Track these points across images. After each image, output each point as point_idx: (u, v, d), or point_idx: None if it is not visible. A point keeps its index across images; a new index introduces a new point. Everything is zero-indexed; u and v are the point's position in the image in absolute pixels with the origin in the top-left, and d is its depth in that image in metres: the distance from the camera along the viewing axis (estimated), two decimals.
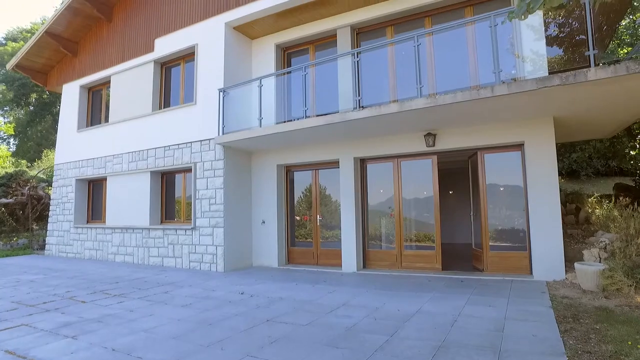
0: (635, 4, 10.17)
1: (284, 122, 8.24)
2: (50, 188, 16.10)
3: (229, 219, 9.15)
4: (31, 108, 31.21)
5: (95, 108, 13.05)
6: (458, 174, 10.62)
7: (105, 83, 12.54)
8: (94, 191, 12.60)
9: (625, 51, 11.89)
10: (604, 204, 9.89)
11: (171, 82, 11.04)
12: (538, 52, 6.99)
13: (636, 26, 11.67)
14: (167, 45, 10.69)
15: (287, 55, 10.03)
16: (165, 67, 11.07)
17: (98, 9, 12.03)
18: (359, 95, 7.22)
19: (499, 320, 4.55)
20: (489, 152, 7.65)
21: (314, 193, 9.53)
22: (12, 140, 32.82)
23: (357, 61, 7.38)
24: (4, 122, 31.00)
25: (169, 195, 10.74)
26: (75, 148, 12.66)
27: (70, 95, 13.22)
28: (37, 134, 30.36)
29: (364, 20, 8.62)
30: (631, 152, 11.47)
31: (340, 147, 8.75)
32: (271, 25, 9.52)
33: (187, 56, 10.53)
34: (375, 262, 8.57)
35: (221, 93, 8.99)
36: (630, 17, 11.50)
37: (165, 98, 10.97)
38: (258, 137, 8.28)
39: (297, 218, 9.80)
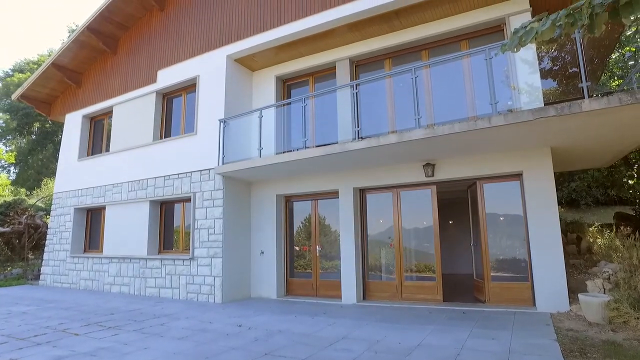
0: (622, 39, 10.52)
1: (284, 152, 8.31)
2: (48, 217, 16.02)
3: (228, 249, 9.06)
4: (33, 137, 31.54)
5: (97, 137, 13.18)
6: (458, 204, 10.61)
7: (108, 113, 12.73)
8: (92, 220, 12.53)
9: (617, 83, 12.19)
10: (605, 234, 9.84)
11: (172, 113, 11.22)
12: (533, 85, 7.16)
13: (625, 60, 12.02)
14: (169, 76, 10.93)
15: (287, 86, 10.25)
16: (167, 97, 11.28)
17: (104, 42, 12.38)
18: (358, 126, 7.33)
19: (503, 354, 4.42)
20: (488, 182, 7.68)
21: (313, 223, 9.48)
22: (12, 168, 32.94)
23: (356, 93, 7.53)
24: (6, 151, 31.21)
25: (168, 225, 10.68)
26: (75, 177, 12.69)
27: (73, 125, 13.38)
28: (38, 163, 30.51)
29: (362, 53, 8.88)
30: (629, 182, 11.53)
31: (340, 177, 8.79)
32: (271, 57, 9.78)
33: (189, 87, 10.74)
34: (375, 294, 8.42)
35: (222, 123, 9.11)
36: (619, 51, 11.87)
37: (166, 128, 11.12)
38: (258, 167, 8.33)
39: (297, 248, 9.71)
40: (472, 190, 8.14)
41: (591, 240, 9.96)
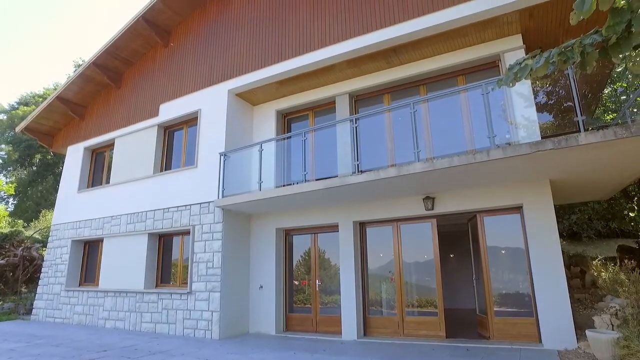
0: (614, 75, 10.81)
1: (284, 185, 8.33)
2: (44, 249, 15.83)
3: (226, 283, 8.90)
4: (34, 168, 31.68)
5: (98, 169, 13.24)
6: (458, 237, 10.53)
7: (109, 145, 12.85)
8: (89, 253, 12.37)
9: (611, 117, 12.41)
10: (609, 267, 9.70)
11: (173, 146, 11.33)
12: (529, 118, 7.28)
13: (618, 94, 12.30)
14: (171, 110, 11.12)
15: (287, 120, 10.41)
16: (169, 130, 11.43)
17: (108, 76, 12.69)
18: (357, 160, 7.38)
19: None
20: (488, 215, 7.65)
21: (313, 257, 9.36)
22: (11, 199, 32.86)
23: (356, 127, 7.64)
24: (6, 182, 31.26)
25: (166, 258, 10.54)
26: (74, 209, 12.64)
27: (74, 157, 13.48)
28: (37, 194, 30.48)
29: (361, 88, 9.08)
30: (630, 214, 11.51)
31: (340, 210, 8.76)
32: (272, 92, 9.99)
33: (190, 121, 10.90)
34: (376, 329, 8.19)
35: (222, 157, 9.17)
36: (611, 86, 12.17)
37: (166, 161, 11.19)
38: (258, 200, 8.32)
39: (296, 282, 9.54)
40: (472, 224, 8.09)
41: (595, 273, 9.81)
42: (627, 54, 2.89)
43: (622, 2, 2.81)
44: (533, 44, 7.91)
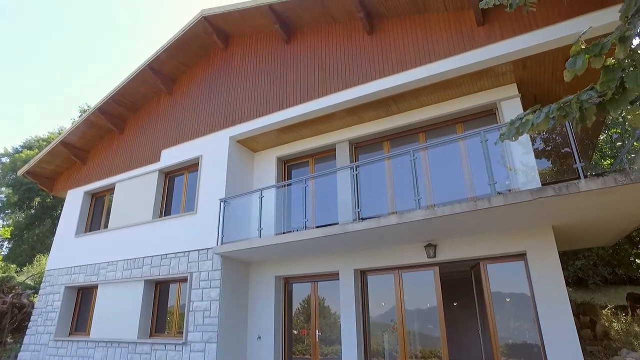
0: (608, 122, 11.05)
1: (284, 233, 8.25)
2: (35, 296, 15.36)
3: (223, 333, 8.55)
4: (32, 211, 31.51)
5: (97, 214, 13.14)
6: (462, 284, 10.27)
7: (110, 190, 12.83)
8: (82, 300, 11.98)
9: (608, 162, 12.55)
10: (620, 316, 9.37)
11: (174, 191, 11.32)
12: (528, 164, 7.35)
13: (613, 140, 12.52)
14: (172, 155, 11.21)
15: (287, 167, 10.48)
16: (169, 176, 11.46)
17: (112, 122, 12.90)
18: (358, 207, 7.34)
19: None
20: (492, 263, 7.49)
21: (312, 306, 9.07)
22: (6, 243, 32.40)
23: (356, 174, 7.67)
24: (2, 225, 30.98)
25: (161, 307, 10.20)
26: (69, 254, 12.38)
27: (74, 200, 13.40)
28: (34, 237, 30.10)
29: (361, 135, 9.21)
30: (637, 260, 11.31)
31: (340, 258, 8.60)
32: (273, 139, 10.13)
33: (192, 166, 10.96)
34: None
35: (222, 203, 9.13)
36: (606, 132, 12.41)
37: (166, 206, 11.14)
38: (257, 247, 8.19)
39: (295, 332, 9.17)
40: (475, 271, 7.92)
41: (606, 324, 9.46)
42: (624, 109, 2.95)
43: (612, 60, 2.90)
44: (528, 92, 8.14)
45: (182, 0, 68.99)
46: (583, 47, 2.92)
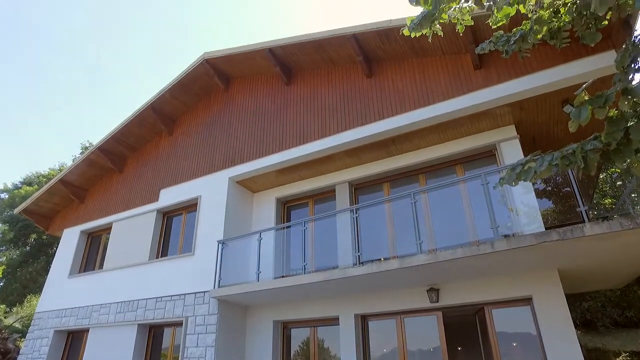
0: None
1: (283, 276, 8.03)
2: (22, 340, 14.76)
3: None
4: (27, 248, 31.03)
5: (92, 253, 12.86)
6: (466, 328, 9.89)
7: (107, 229, 12.63)
8: (71, 345, 11.49)
9: (609, 201, 12.47)
10: None
11: (171, 231, 11.14)
12: (530, 205, 7.25)
13: (613, 179, 12.52)
14: (171, 195, 11.11)
15: (287, 208, 10.35)
16: (167, 216, 11.32)
17: (112, 161, 12.92)
18: (358, 251, 7.18)
19: None
20: (497, 307, 7.22)
21: (312, 352, 8.67)
22: None
23: (356, 217, 7.56)
24: None
25: (154, 353, 9.76)
26: (61, 295, 11.99)
27: (69, 240, 13.15)
28: (27, 276, 29.45)
29: (361, 177, 9.16)
30: None
31: (340, 303, 8.30)
32: (272, 180, 10.07)
33: (190, 207, 10.83)
34: None
35: (220, 245, 8.93)
36: (605, 171, 12.43)
37: (163, 247, 10.92)
38: (255, 291, 7.93)
39: None
40: (480, 316, 7.63)
41: None
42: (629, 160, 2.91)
43: (615, 111, 2.89)
44: (527, 133, 8.18)
45: (183, 43, 71.40)
46: (587, 97, 2.92)
